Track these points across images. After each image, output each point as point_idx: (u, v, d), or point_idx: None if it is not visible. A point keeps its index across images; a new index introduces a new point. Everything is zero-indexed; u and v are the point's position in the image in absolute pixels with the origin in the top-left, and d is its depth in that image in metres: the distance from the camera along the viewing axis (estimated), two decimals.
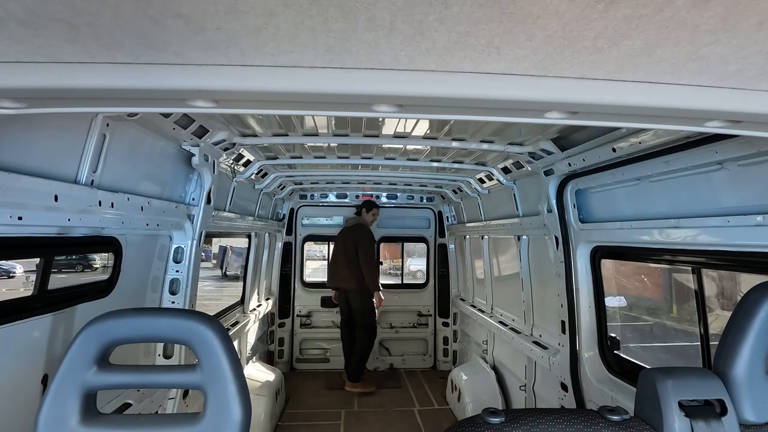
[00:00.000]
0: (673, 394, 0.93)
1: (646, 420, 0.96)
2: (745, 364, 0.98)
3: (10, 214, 1.48)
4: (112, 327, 1.13)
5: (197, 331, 1.14)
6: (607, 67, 0.87)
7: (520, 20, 0.70)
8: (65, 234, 1.86)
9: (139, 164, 2.36)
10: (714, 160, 1.98)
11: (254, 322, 5.40)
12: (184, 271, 2.97)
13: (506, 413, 0.93)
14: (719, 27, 0.71)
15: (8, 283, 12.08)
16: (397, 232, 7.11)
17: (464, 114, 1.08)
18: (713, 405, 0.95)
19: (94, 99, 1.03)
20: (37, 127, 1.61)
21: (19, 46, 0.81)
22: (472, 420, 0.94)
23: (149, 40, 0.79)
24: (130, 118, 2.03)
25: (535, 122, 1.11)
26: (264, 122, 3.03)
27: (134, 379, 1.17)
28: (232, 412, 1.12)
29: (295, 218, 6.79)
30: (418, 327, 7.03)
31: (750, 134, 1.13)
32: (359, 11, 0.69)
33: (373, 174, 4.92)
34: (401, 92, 0.93)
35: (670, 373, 0.97)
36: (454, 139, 3.36)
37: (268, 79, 0.90)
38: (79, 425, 1.10)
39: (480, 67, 0.88)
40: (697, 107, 0.97)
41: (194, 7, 0.69)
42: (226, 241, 21.23)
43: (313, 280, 7.19)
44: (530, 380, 4.11)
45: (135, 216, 2.28)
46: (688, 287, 2.87)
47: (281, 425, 4.91)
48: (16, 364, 1.71)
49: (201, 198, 3.01)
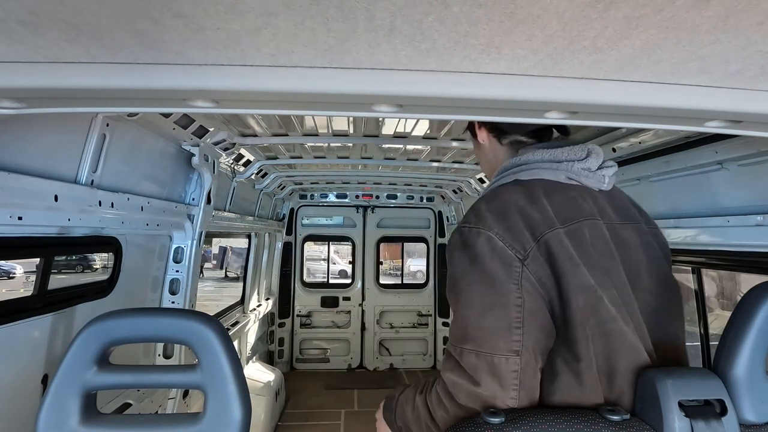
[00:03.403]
0: (673, 394, 0.93)
1: (645, 420, 0.96)
2: (745, 364, 0.98)
3: (10, 214, 1.48)
4: (112, 327, 1.13)
5: (197, 331, 1.14)
6: (607, 67, 0.87)
7: (520, 20, 0.70)
8: (65, 234, 1.86)
9: (139, 164, 2.36)
10: (714, 160, 1.98)
11: (254, 322, 5.40)
12: (184, 271, 2.97)
13: (506, 413, 0.93)
14: (719, 27, 0.71)
15: (8, 283, 12.09)
16: (397, 232, 7.11)
17: (464, 114, 1.08)
18: (713, 405, 0.95)
19: (94, 99, 1.03)
20: (37, 127, 1.61)
21: (19, 46, 0.81)
22: (472, 420, 0.94)
23: (149, 40, 0.79)
24: (130, 118, 2.03)
25: (535, 122, 1.11)
26: (264, 122, 3.03)
27: (134, 379, 1.17)
28: (232, 412, 1.12)
29: (295, 218, 6.79)
30: (418, 327, 7.03)
31: (750, 134, 1.13)
32: (359, 11, 0.69)
33: (373, 174, 4.92)
34: (401, 92, 0.93)
35: (670, 373, 0.97)
36: (454, 139, 3.36)
37: (268, 79, 0.90)
38: (79, 425, 1.10)
39: (480, 67, 0.88)
40: (697, 107, 0.97)
41: (194, 7, 0.69)
42: (226, 242, 21.24)
43: (313, 280, 7.20)
44: None
45: (135, 216, 2.28)
46: (687, 287, 2.89)
47: (281, 425, 4.91)
48: (16, 364, 1.71)
49: (201, 198, 3.01)
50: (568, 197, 1.13)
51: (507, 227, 1.05)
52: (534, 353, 1.02)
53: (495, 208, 1.10)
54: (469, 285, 1.05)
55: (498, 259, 1.03)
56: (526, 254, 1.03)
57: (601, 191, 1.20)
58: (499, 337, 1.00)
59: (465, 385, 1.03)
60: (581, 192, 1.16)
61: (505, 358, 1.00)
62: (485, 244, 1.05)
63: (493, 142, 1.34)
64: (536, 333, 1.02)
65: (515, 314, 1.01)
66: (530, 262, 1.03)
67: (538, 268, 1.03)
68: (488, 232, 1.05)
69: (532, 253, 1.03)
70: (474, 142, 1.43)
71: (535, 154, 1.20)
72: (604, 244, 1.10)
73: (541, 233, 1.05)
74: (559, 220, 1.07)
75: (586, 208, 1.13)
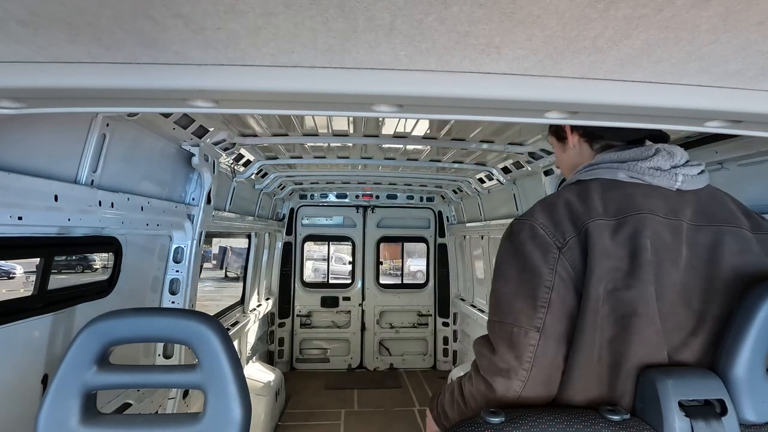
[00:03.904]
0: (673, 393, 0.93)
1: (646, 420, 0.96)
2: (746, 364, 0.98)
3: (10, 214, 1.48)
4: (112, 327, 1.13)
5: (197, 331, 1.14)
6: (607, 67, 0.87)
7: (520, 20, 0.70)
8: (65, 234, 1.86)
9: (139, 164, 2.36)
10: (714, 160, 1.98)
11: (254, 322, 5.40)
12: (184, 271, 2.97)
13: (506, 413, 0.93)
14: (719, 27, 0.71)
15: (8, 283, 12.08)
16: (397, 232, 7.11)
17: (464, 114, 1.08)
18: (713, 405, 0.95)
19: (94, 99, 1.03)
20: (37, 127, 1.61)
21: (19, 46, 0.81)
22: (472, 420, 0.94)
23: (149, 40, 0.79)
24: (130, 118, 2.03)
25: (535, 122, 1.11)
26: (264, 122, 3.03)
27: (134, 379, 1.17)
28: (232, 412, 1.12)
29: (295, 218, 6.79)
30: (418, 327, 7.04)
31: (750, 134, 1.13)
32: (359, 11, 0.69)
33: (373, 174, 4.92)
34: (401, 92, 0.93)
35: (670, 373, 0.97)
36: (454, 139, 3.36)
37: (268, 79, 0.90)
38: (79, 425, 1.10)
39: (480, 67, 0.88)
40: (697, 107, 0.97)
41: (194, 7, 0.69)
42: (226, 242, 21.23)
43: (313, 280, 7.20)
44: None
45: (135, 216, 2.28)
46: None
47: (281, 425, 4.91)
48: (16, 364, 1.71)
49: (201, 198, 3.01)
50: (624, 193, 1.15)
51: (550, 218, 1.13)
52: (556, 336, 1.08)
53: (546, 203, 1.18)
54: (508, 267, 1.16)
55: (537, 245, 1.11)
56: (565, 242, 1.09)
57: (683, 191, 1.17)
58: (524, 313, 1.08)
59: (487, 354, 1.14)
60: (645, 190, 1.16)
61: (525, 330, 1.07)
62: (528, 232, 1.13)
63: (584, 147, 1.35)
64: (562, 317, 1.08)
65: (543, 295, 1.08)
66: (567, 250, 1.09)
67: (574, 257, 1.09)
68: (532, 221, 1.14)
69: (571, 242, 1.09)
70: (558, 145, 1.44)
71: (603, 157, 1.24)
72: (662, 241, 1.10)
73: (582, 223, 1.10)
74: (607, 213, 1.11)
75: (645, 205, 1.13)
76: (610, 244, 1.07)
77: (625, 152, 1.21)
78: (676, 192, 1.17)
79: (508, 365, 1.08)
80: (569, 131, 1.37)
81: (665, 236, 1.10)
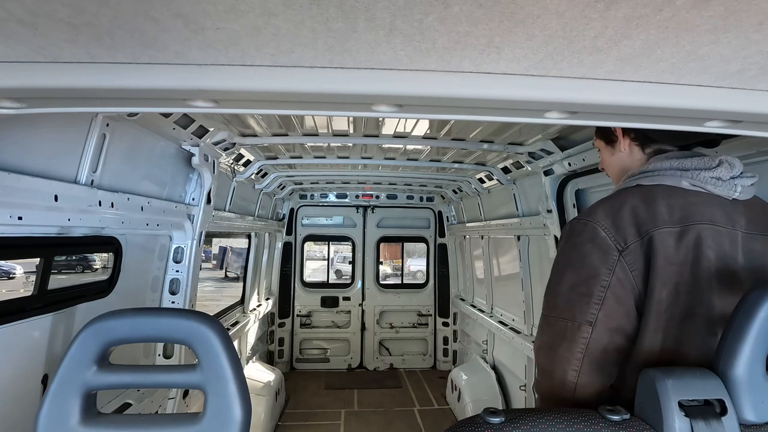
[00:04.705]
0: (672, 393, 0.93)
1: (645, 420, 0.96)
2: (745, 364, 0.98)
3: (10, 214, 1.48)
4: (112, 327, 1.13)
5: (197, 331, 1.14)
6: (607, 67, 0.87)
7: (520, 20, 0.70)
8: (65, 234, 1.86)
9: (139, 164, 2.36)
10: None
11: (254, 322, 5.40)
12: (184, 271, 2.97)
13: (506, 413, 0.93)
14: (719, 27, 0.71)
15: (8, 283, 12.08)
16: (396, 232, 7.11)
17: (464, 114, 1.08)
18: (713, 405, 0.95)
19: (94, 99, 1.02)
20: (37, 127, 1.61)
21: (19, 46, 0.81)
22: (472, 420, 0.94)
23: (149, 40, 0.79)
24: (130, 118, 2.03)
25: (535, 122, 1.11)
26: (264, 122, 3.03)
27: (134, 379, 1.17)
28: (233, 412, 1.12)
29: (295, 218, 6.79)
30: (418, 327, 7.04)
31: (750, 134, 1.13)
32: (359, 11, 0.69)
33: (373, 174, 4.92)
34: (401, 92, 0.93)
35: (670, 373, 0.97)
36: (454, 139, 3.36)
37: (268, 79, 0.90)
38: (79, 425, 1.10)
39: (480, 67, 0.88)
40: (697, 107, 0.97)
41: (194, 7, 0.69)
42: (226, 242, 21.23)
43: (313, 280, 7.20)
44: (530, 380, 4.11)
45: (135, 216, 2.28)
46: None
47: (281, 425, 4.91)
48: (16, 364, 1.71)
49: (201, 198, 3.01)
50: (688, 201, 1.18)
51: (613, 221, 1.16)
52: (609, 331, 1.13)
53: (608, 205, 1.21)
54: (567, 264, 1.20)
55: (597, 246, 1.15)
56: (626, 246, 1.14)
57: (736, 201, 1.22)
58: (578, 309, 1.14)
59: (544, 348, 1.20)
60: (706, 199, 1.19)
61: (578, 324, 1.14)
62: (589, 232, 1.17)
63: (635, 150, 1.37)
64: (617, 314, 1.13)
65: (598, 293, 1.13)
66: (628, 254, 1.13)
67: (634, 261, 1.13)
68: (594, 223, 1.18)
69: (633, 247, 1.13)
70: (606, 148, 1.45)
71: (663, 163, 1.26)
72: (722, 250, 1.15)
73: (647, 230, 1.13)
74: (672, 220, 1.14)
75: (707, 214, 1.17)
76: (673, 252, 1.12)
77: (687, 161, 1.23)
78: (731, 201, 1.21)
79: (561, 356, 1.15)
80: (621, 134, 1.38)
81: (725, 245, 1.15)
